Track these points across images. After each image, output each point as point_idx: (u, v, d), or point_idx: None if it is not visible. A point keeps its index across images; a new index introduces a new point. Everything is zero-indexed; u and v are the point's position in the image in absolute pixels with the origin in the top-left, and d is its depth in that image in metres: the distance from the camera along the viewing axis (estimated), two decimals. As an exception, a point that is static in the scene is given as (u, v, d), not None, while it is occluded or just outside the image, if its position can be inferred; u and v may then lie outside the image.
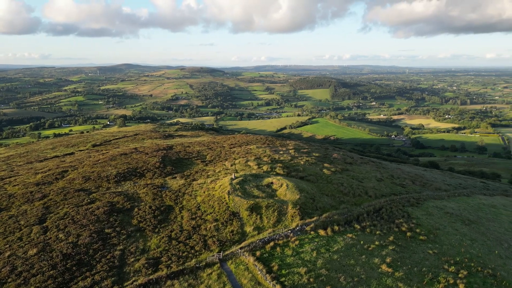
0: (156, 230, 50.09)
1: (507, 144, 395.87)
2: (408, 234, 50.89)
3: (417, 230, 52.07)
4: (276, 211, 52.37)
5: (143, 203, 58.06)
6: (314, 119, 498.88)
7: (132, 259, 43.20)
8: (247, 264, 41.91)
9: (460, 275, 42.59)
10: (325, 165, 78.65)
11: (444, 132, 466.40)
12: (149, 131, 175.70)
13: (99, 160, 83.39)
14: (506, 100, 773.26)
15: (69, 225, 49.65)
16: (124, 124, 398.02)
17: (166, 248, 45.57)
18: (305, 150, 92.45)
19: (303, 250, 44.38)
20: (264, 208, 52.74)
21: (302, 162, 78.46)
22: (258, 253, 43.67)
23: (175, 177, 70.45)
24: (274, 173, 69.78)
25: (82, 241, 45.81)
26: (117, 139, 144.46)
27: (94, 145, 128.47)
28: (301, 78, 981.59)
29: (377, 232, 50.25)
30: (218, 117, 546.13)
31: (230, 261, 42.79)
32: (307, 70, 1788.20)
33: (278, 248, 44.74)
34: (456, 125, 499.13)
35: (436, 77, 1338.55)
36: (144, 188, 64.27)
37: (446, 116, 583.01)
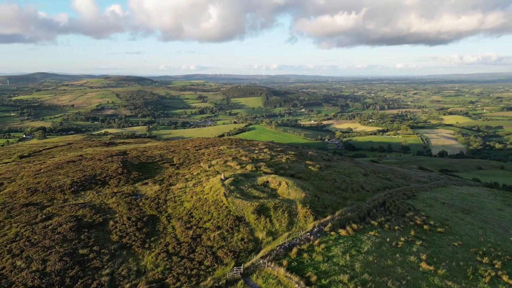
0: (146, 245, 39.94)
1: (426, 144, 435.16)
2: (425, 227, 47.58)
3: (431, 223, 49.07)
4: (286, 212, 45.46)
5: (117, 215, 46.98)
6: (251, 126, 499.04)
7: (128, 285, 32.97)
8: (277, 276, 34.32)
9: (496, 266, 39.92)
10: (307, 162, 73.73)
11: (371, 134, 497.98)
12: (83, 140, 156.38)
13: (41, 169, 68.48)
14: (417, 105, 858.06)
15: (27, 249, 37.23)
16: (44, 136, 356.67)
17: (168, 266, 35.97)
18: (279, 149, 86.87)
19: (333, 254, 38.09)
20: (272, 209, 45.45)
21: (283, 160, 72.52)
22: (284, 262, 36.32)
23: (146, 183, 59.66)
24: (262, 172, 62.73)
25: (52, 267, 34.15)
26: (48, 149, 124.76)
27: (21, 156, 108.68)
28: (233, 86, 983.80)
29: (396, 228, 46.06)
30: (150, 127, 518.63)
31: (254, 275, 34.79)
32: (237, 79, 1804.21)
33: (304, 255, 37.84)
34: (380, 128, 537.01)
35: (355, 85, 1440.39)
36: (112, 197, 52.75)
37: (370, 120, 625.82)
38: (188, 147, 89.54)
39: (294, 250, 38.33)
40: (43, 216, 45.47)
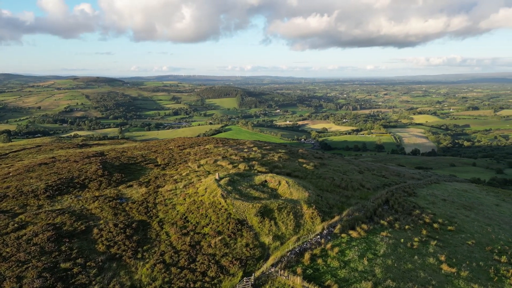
0: (139, 255, 35.12)
1: (399, 142, 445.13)
2: (435, 225, 45.16)
3: (440, 221, 46.74)
4: (291, 213, 41.74)
5: (101, 221, 41.71)
6: (227, 127, 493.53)
7: (123, 304, 28.22)
8: (292, 286, 30.47)
9: (516, 265, 37.93)
10: (300, 160, 70.46)
11: (346, 134, 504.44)
12: (53, 142, 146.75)
13: (9, 173, 61.55)
14: (388, 105, 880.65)
15: (-3, 265, 31.59)
16: (9, 140, 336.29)
17: (167, 279, 31.38)
18: (268, 147, 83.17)
19: (349, 259, 34.68)
20: (276, 211, 41.60)
21: (276, 159, 68.90)
22: (298, 269, 32.54)
23: (131, 186, 54.33)
24: (256, 171, 58.77)
25: (29, 286, 28.82)
26: (15, 151, 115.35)
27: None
28: (208, 87, 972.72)
29: (406, 227, 43.35)
30: (122, 128, 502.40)
31: (267, 286, 30.81)
32: (211, 80, 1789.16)
33: (319, 260, 34.20)
34: (354, 128, 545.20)
35: (328, 86, 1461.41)
36: (94, 201, 47.23)
37: (344, 120, 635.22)
38: (171, 147, 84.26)
39: (307, 255, 34.63)
40: (15, 225, 39.54)
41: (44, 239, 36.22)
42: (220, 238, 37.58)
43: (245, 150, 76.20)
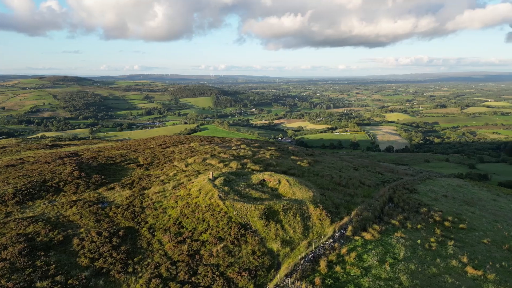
0: (130, 269, 30.21)
1: (373, 140, 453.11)
2: (446, 224, 42.56)
3: (449, 218, 44.24)
4: (298, 215, 37.87)
5: (82, 229, 36.34)
6: (202, 126, 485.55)
7: (116, 332, 23.42)
8: (313, 299, 26.67)
9: (539, 264, 35.75)
10: (292, 157, 66.88)
11: (321, 132, 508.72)
12: (19, 144, 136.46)
13: (-31, 176, 54.30)
14: (361, 104, 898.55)
15: (-44, 289, 25.91)
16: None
17: (166, 297, 26.79)
18: (256, 145, 79.09)
19: (369, 265, 31.19)
20: (281, 213, 37.61)
21: (267, 156, 64.94)
22: (317, 280, 28.67)
23: (113, 188, 48.82)
24: (249, 169, 54.56)
25: (-2, 316, 23.53)
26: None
27: None
28: (182, 86, 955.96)
29: (419, 226, 40.47)
30: (93, 129, 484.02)
31: (284, 300, 26.85)
32: (185, 79, 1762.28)
33: (337, 268, 30.46)
34: (329, 126, 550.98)
35: (302, 85, 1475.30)
36: (72, 207, 41.60)
37: (319, 119, 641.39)
38: (152, 146, 78.61)
39: (322, 262, 30.86)
40: (-22, 237, 33.57)
41: (15, 253, 30.61)
42: (222, 245, 33.18)
43: (233, 147, 71.81)
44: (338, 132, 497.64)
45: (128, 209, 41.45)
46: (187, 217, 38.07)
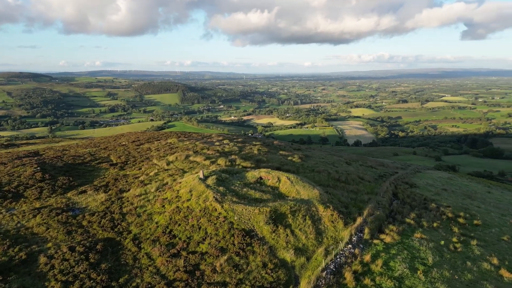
0: (115, 294, 24.25)
1: (341, 134, 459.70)
2: (460, 220, 39.46)
3: (461, 214, 41.34)
4: (307, 217, 33.14)
5: (50, 244, 29.68)
6: (170, 123, 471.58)
7: None
8: (348, 321, 22.04)
9: None
10: (281, 152, 62.25)
11: (290, 128, 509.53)
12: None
13: None
14: (327, 100, 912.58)
15: None
16: None
17: (167, 330, 21.17)
18: (240, 139, 73.62)
19: (400, 274, 26.94)
20: (289, 215, 32.70)
21: (255, 152, 59.86)
22: (345, 294, 24.18)
23: (84, 191, 41.89)
24: (240, 166, 49.25)
25: None
26: None
27: None
28: (146, 83, 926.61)
29: (435, 225, 37.02)
30: (53, 127, 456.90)
31: (313, 324, 22.02)
32: (149, 75, 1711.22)
33: (366, 280, 25.91)
34: (298, 122, 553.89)
35: (269, 82, 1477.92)
36: (35, 216, 34.56)
37: (287, 115, 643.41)
38: (124, 142, 71.23)
39: (347, 274, 26.29)
40: None
41: (-38, 282, 23.74)
42: (225, 257, 27.82)
43: (216, 143, 66.12)
44: (307, 128, 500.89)
45: (105, 216, 34.99)
46: (179, 224, 32.29)
